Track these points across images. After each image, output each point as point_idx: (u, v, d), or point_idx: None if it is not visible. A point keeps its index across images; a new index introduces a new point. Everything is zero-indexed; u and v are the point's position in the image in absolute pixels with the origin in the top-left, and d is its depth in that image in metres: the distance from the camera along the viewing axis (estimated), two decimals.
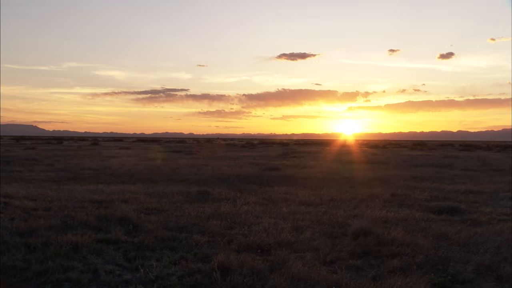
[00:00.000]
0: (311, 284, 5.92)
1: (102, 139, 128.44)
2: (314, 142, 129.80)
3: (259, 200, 13.20)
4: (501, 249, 7.66)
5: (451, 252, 7.56)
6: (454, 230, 9.09)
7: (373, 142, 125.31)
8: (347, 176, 20.67)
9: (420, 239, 8.35)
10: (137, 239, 8.25)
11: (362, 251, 7.62)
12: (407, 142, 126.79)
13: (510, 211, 11.90)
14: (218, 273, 6.08)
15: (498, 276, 6.43)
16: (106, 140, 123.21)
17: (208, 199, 13.41)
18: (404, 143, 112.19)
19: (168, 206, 12.01)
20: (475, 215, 11.19)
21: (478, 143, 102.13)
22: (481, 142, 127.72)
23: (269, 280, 5.97)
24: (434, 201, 13.20)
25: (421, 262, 6.96)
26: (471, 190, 16.06)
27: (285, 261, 6.83)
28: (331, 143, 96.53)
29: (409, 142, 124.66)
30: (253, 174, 21.41)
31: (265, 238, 8.36)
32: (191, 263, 6.85)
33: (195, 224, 9.69)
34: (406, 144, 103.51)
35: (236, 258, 6.63)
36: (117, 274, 6.40)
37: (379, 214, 10.99)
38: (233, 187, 16.49)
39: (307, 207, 12.11)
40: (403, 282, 5.80)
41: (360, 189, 16.22)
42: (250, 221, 10.11)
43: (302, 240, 8.36)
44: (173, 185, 16.66)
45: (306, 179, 19.22)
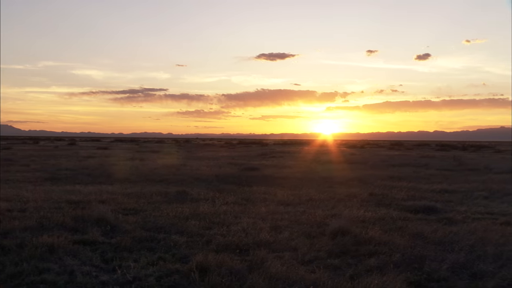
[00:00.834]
0: (289, 283, 5.95)
1: (79, 139, 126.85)
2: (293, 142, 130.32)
3: (238, 200, 13.20)
4: (475, 247, 7.80)
5: (427, 250, 7.67)
6: (430, 229, 9.23)
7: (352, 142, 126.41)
8: (325, 176, 20.81)
9: (397, 238, 8.46)
10: (115, 240, 8.17)
11: (340, 251, 7.68)
12: (385, 142, 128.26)
13: (484, 210, 12.12)
14: (197, 274, 6.07)
15: (472, 273, 6.55)
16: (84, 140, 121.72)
17: (187, 199, 13.36)
18: (382, 143, 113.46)
19: (146, 206, 11.93)
20: (450, 214, 11.37)
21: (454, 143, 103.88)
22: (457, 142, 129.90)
23: (247, 280, 5.98)
24: (410, 201, 13.36)
25: (397, 260, 7.05)
26: (446, 189, 16.32)
27: (263, 261, 6.85)
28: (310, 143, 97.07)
29: (386, 142, 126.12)
30: (232, 174, 21.40)
31: (244, 238, 8.37)
32: (169, 263, 6.82)
33: (173, 224, 9.65)
34: (384, 144, 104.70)
35: (214, 258, 6.63)
36: (94, 275, 6.34)
37: (357, 213, 11.08)
38: (212, 187, 16.46)
39: (286, 207, 12.16)
40: (380, 280, 5.87)
41: (339, 189, 16.35)
42: (228, 221, 10.11)
43: (281, 240, 8.39)
44: (152, 186, 16.55)
45: (285, 179, 19.29)
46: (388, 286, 5.75)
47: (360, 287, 5.78)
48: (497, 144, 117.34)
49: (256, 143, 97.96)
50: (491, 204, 13.29)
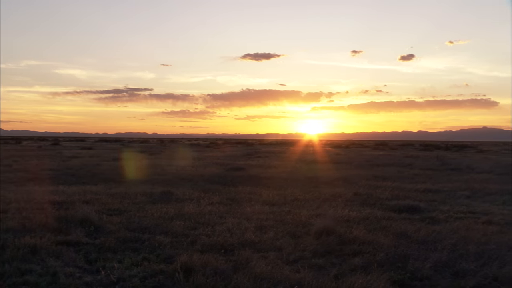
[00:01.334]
0: (274, 283, 5.96)
1: (63, 139, 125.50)
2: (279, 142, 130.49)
3: (223, 200, 13.19)
4: (458, 246, 7.90)
5: (410, 249, 7.74)
6: (414, 228, 9.32)
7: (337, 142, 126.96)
8: (310, 176, 20.88)
9: (381, 238, 8.52)
10: (99, 241, 8.12)
11: (325, 250, 7.72)
12: (370, 142, 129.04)
13: (466, 209, 12.27)
14: (181, 274, 6.06)
15: (454, 272, 6.63)
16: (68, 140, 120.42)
17: (172, 199, 13.31)
18: (367, 143, 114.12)
19: (130, 207, 11.86)
20: (433, 213, 11.49)
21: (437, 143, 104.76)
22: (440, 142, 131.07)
23: (232, 280, 5.98)
24: (395, 200, 13.47)
25: (381, 260, 7.10)
26: (430, 189, 16.48)
27: (248, 260, 6.85)
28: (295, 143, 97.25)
29: (371, 142, 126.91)
30: (218, 174, 21.38)
31: (229, 238, 8.37)
32: (154, 264, 6.79)
33: (158, 224, 9.61)
34: (369, 144, 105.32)
35: (199, 258, 6.62)
36: (77, 276, 6.28)
37: (341, 213, 11.14)
38: (197, 187, 16.42)
39: (271, 207, 12.18)
40: (364, 280, 5.91)
41: (323, 188, 16.42)
42: (214, 221, 10.09)
43: (266, 239, 8.40)
44: (136, 186, 16.44)
45: (270, 179, 19.31)
46: (372, 285, 5.80)
47: (344, 286, 5.81)
48: (479, 144, 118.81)
49: (242, 143, 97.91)
50: (473, 203, 13.46)
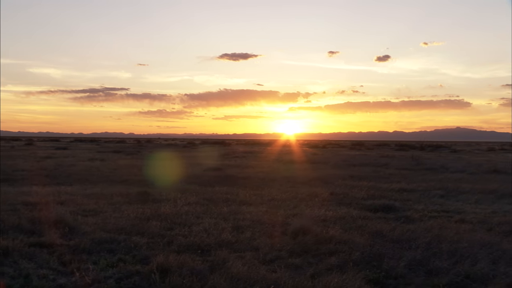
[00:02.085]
0: (250, 283, 5.97)
1: (37, 139, 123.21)
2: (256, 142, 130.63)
3: (200, 201, 13.14)
4: (431, 245, 8.03)
5: (386, 248, 7.84)
6: (389, 227, 9.44)
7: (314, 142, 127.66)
8: (288, 176, 20.96)
9: (357, 237, 8.61)
10: (73, 242, 8.01)
11: (301, 250, 7.77)
12: (346, 142, 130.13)
13: (440, 208, 12.48)
14: (157, 275, 6.02)
15: (428, 270, 6.74)
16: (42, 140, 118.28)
17: (148, 200, 13.20)
18: (343, 143, 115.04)
19: (106, 207, 11.73)
20: (408, 212, 11.65)
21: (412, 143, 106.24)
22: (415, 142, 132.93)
23: (208, 280, 5.97)
24: (370, 200, 13.62)
25: (357, 259, 7.18)
26: (405, 188, 16.70)
27: (225, 261, 6.85)
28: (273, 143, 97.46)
29: (348, 142, 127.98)
30: (194, 174, 21.28)
31: (206, 239, 8.35)
32: (130, 265, 6.73)
33: (134, 225, 9.52)
34: (345, 144, 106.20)
35: (175, 259, 6.59)
36: (50, 278, 6.19)
37: (318, 213, 11.22)
38: (174, 187, 16.31)
39: (248, 207, 12.19)
40: (340, 279, 5.97)
41: (300, 188, 16.50)
42: (190, 221, 10.06)
43: (243, 239, 8.41)
44: (112, 186, 16.27)
45: (247, 179, 19.32)
46: (348, 284, 5.85)
47: (321, 285, 5.86)
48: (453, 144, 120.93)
49: (219, 143, 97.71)
50: (447, 202, 13.70)
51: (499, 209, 12.30)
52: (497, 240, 8.45)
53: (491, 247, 7.86)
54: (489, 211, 11.95)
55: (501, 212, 11.88)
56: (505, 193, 15.34)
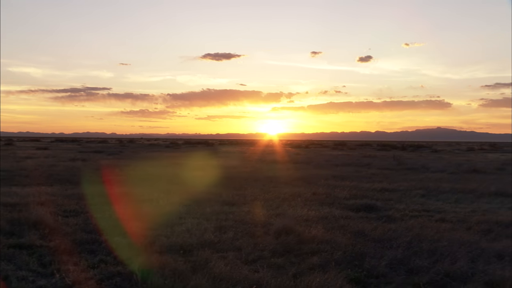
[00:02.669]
0: (232, 283, 5.97)
1: (17, 139, 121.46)
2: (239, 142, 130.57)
3: (182, 201, 13.09)
4: (412, 244, 8.12)
5: (367, 248, 7.91)
6: (370, 227, 9.52)
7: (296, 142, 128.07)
8: (270, 176, 21.00)
9: (339, 236, 8.66)
10: (53, 243, 7.90)
11: (284, 250, 7.79)
12: (329, 142, 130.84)
13: (421, 207, 12.62)
14: (139, 276, 5.99)
15: (409, 269, 6.81)
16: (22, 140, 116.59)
17: (131, 200, 13.10)
18: (326, 143, 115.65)
19: (87, 208, 11.61)
20: (389, 212, 11.76)
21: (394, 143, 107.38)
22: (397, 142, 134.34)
23: (190, 280, 5.95)
24: (352, 199, 13.70)
25: (339, 258, 7.23)
26: (386, 188, 16.85)
27: (207, 261, 6.84)
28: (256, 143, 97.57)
29: (330, 142, 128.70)
30: (177, 174, 21.19)
31: (188, 239, 8.32)
32: (111, 266, 6.68)
33: (116, 226, 9.44)
34: (328, 144, 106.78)
35: (157, 259, 6.57)
36: (30, 280, 6.12)
37: (300, 212, 11.25)
38: (157, 187, 16.22)
39: (231, 207, 12.18)
40: (322, 278, 6.00)
41: (283, 188, 16.54)
42: (173, 221, 10.01)
43: (225, 240, 8.40)
44: (94, 186, 16.10)
45: (230, 179, 19.29)
46: (330, 284, 5.88)
47: (303, 285, 5.88)
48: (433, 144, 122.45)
49: (202, 143, 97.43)
50: (428, 202, 13.86)
51: (478, 208, 12.48)
52: (476, 238, 8.59)
53: (470, 245, 7.98)
54: (468, 210, 12.12)
55: (480, 211, 12.05)
56: (484, 192, 15.57)
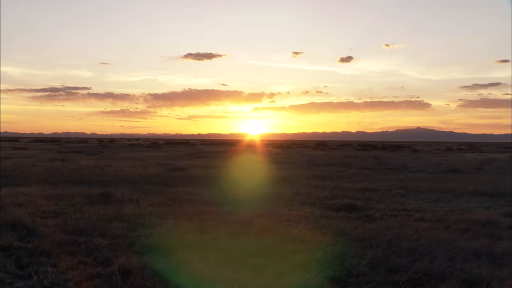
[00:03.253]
0: (214, 284, 5.96)
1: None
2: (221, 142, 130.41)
3: (164, 201, 13.03)
4: (392, 243, 8.19)
5: (348, 247, 7.95)
6: (351, 226, 9.59)
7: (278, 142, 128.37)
8: (252, 176, 20.99)
9: (320, 236, 8.71)
10: (31, 245, 7.80)
11: (265, 249, 7.78)
12: (310, 142, 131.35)
13: (400, 207, 12.76)
14: (119, 277, 5.94)
15: (389, 268, 6.88)
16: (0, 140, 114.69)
17: (111, 200, 12.99)
18: (307, 143, 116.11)
19: (67, 208, 11.48)
20: (370, 211, 11.86)
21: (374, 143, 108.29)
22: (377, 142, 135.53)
23: (171, 281, 5.92)
24: (333, 199, 13.79)
25: (320, 258, 7.25)
26: (367, 188, 16.99)
27: (188, 261, 6.82)
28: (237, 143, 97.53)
29: (312, 142, 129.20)
30: (158, 174, 21.10)
31: (169, 239, 8.28)
32: (90, 267, 6.62)
33: (95, 226, 9.34)
34: (309, 144, 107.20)
35: (138, 260, 6.53)
36: (7, 282, 6.03)
37: (282, 212, 11.29)
38: (137, 188, 16.11)
39: (212, 207, 12.15)
40: (303, 278, 6.02)
41: (265, 188, 16.55)
42: (154, 222, 9.95)
43: (207, 240, 8.38)
44: (73, 187, 15.93)
45: (211, 179, 19.25)
46: (310, 283, 5.91)
47: (284, 285, 5.90)
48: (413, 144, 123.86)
49: (183, 143, 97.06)
50: (407, 201, 14.01)
51: (457, 208, 12.67)
52: (454, 237, 8.71)
53: (449, 244, 8.09)
54: (447, 210, 12.29)
55: (458, 210, 12.24)
56: (462, 192, 15.82)
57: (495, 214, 11.61)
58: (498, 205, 13.35)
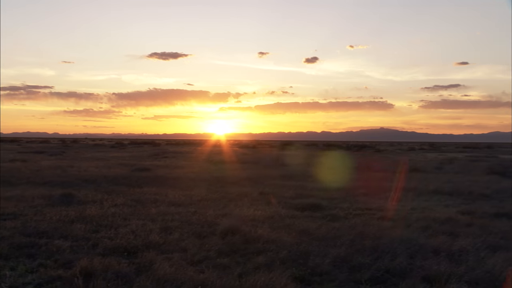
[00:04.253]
0: (177, 285, 5.93)
1: None
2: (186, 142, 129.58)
3: (128, 202, 12.87)
4: (355, 242, 8.32)
5: (312, 246, 8.04)
6: (315, 226, 9.70)
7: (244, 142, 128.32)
8: (218, 176, 20.97)
9: (284, 236, 8.77)
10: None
11: (230, 250, 7.81)
12: (276, 142, 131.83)
13: (364, 206, 12.96)
14: (80, 279, 5.84)
15: (352, 266, 6.99)
16: None
17: (73, 202, 12.74)
18: (273, 143, 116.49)
19: (27, 210, 11.20)
20: (334, 210, 12.01)
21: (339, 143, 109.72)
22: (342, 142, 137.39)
23: (134, 283, 5.87)
24: (298, 199, 13.90)
25: (284, 257, 7.31)
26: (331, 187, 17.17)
27: (152, 263, 6.77)
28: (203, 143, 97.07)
29: (277, 142, 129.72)
30: (122, 175, 20.80)
31: (133, 240, 8.19)
32: (51, 270, 6.49)
33: (57, 228, 9.16)
34: (275, 144, 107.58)
35: (100, 262, 6.42)
36: None
37: (247, 212, 11.31)
38: (101, 188, 15.87)
39: (177, 208, 12.07)
40: (267, 277, 6.05)
41: (230, 188, 16.56)
42: (117, 223, 9.83)
43: (171, 241, 8.33)
44: (34, 188, 15.54)
45: (177, 180, 19.13)
46: (275, 283, 5.95)
47: (248, 285, 5.92)
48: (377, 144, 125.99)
49: (148, 143, 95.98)
50: (370, 200, 14.24)
51: (418, 206, 12.98)
52: (415, 235, 8.92)
53: (409, 242, 8.27)
54: (408, 208, 12.56)
55: (420, 208, 12.53)
56: (424, 190, 16.20)
57: (453, 212, 11.96)
58: (457, 203, 13.76)
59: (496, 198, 14.94)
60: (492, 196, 15.28)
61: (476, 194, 15.59)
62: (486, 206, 12.95)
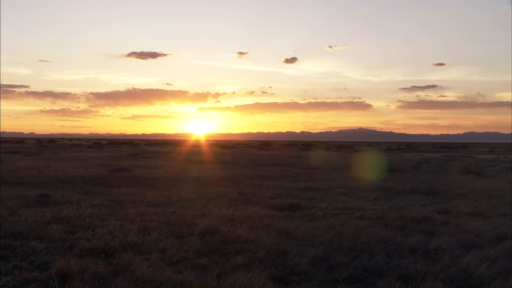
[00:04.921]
0: (155, 285, 5.90)
1: None
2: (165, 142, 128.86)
3: (105, 202, 12.74)
4: (333, 241, 8.38)
5: (290, 246, 8.08)
6: (294, 225, 9.74)
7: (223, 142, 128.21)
8: (196, 176, 20.90)
9: (263, 236, 8.78)
10: None
11: (208, 250, 7.79)
12: (255, 142, 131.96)
13: (342, 205, 13.06)
14: (56, 281, 5.77)
15: (330, 265, 7.04)
16: None
17: (49, 202, 12.56)
18: (252, 143, 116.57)
19: (1, 211, 11.00)
20: (312, 210, 12.07)
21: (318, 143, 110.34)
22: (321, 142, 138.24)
23: (112, 284, 5.81)
24: (277, 199, 13.93)
25: (263, 257, 7.33)
26: (310, 187, 17.28)
27: (130, 263, 6.71)
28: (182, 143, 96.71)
29: (257, 142, 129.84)
30: (100, 175, 20.57)
31: (110, 241, 8.11)
32: (26, 272, 6.39)
33: (32, 230, 9.02)
34: (254, 144, 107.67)
35: (77, 263, 6.35)
36: None
37: (226, 212, 11.30)
38: (78, 189, 15.69)
39: (155, 208, 12.00)
40: (245, 277, 6.05)
41: (209, 188, 16.53)
42: (94, 224, 9.73)
43: (149, 241, 8.28)
44: (9, 189, 15.25)
45: (155, 180, 19.00)
46: (253, 283, 5.95)
47: (226, 285, 5.91)
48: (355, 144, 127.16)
49: (127, 143, 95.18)
50: (349, 200, 14.37)
51: (395, 206, 13.13)
52: (392, 234, 9.02)
53: (387, 241, 8.37)
54: (386, 208, 12.71)
55: (397, 208, 12.68)
56: (401, 190, 16.40)
57: (430, 211, 12.14)
58: (433, 203, 13.96)
59: (471, 197, 15.20)
60: (467, 195, 15.55)
61: (452, 194, 15.84)
62: (461, 205, 13.17)
